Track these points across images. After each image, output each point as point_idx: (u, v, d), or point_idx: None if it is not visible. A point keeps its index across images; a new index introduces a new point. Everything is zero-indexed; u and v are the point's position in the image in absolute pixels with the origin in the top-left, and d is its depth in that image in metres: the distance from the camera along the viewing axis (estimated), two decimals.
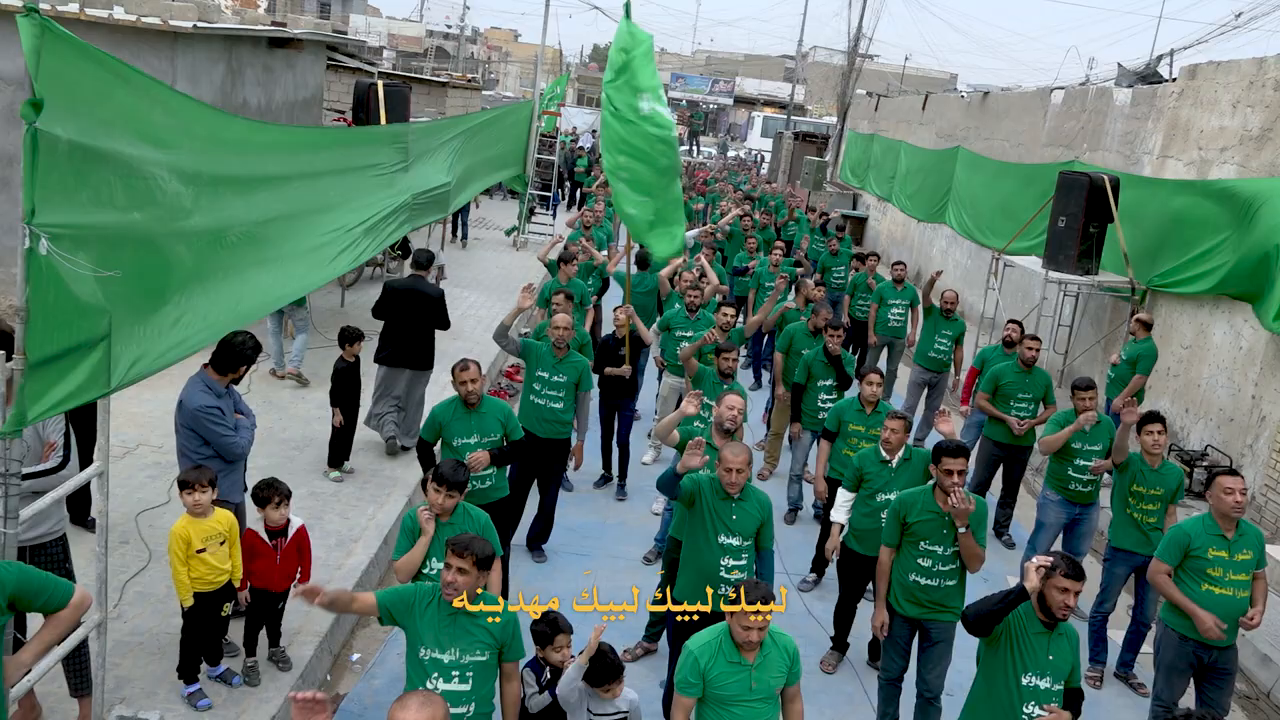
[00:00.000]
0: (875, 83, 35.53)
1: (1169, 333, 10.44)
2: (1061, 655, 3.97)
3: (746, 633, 3.69)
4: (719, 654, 3.78)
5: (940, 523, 4.99)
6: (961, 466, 4.92)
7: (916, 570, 5.04)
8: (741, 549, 4.89)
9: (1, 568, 3.14)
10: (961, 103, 19.64)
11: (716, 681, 3.75)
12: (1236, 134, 9.99)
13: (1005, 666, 3.95)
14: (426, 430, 5.82)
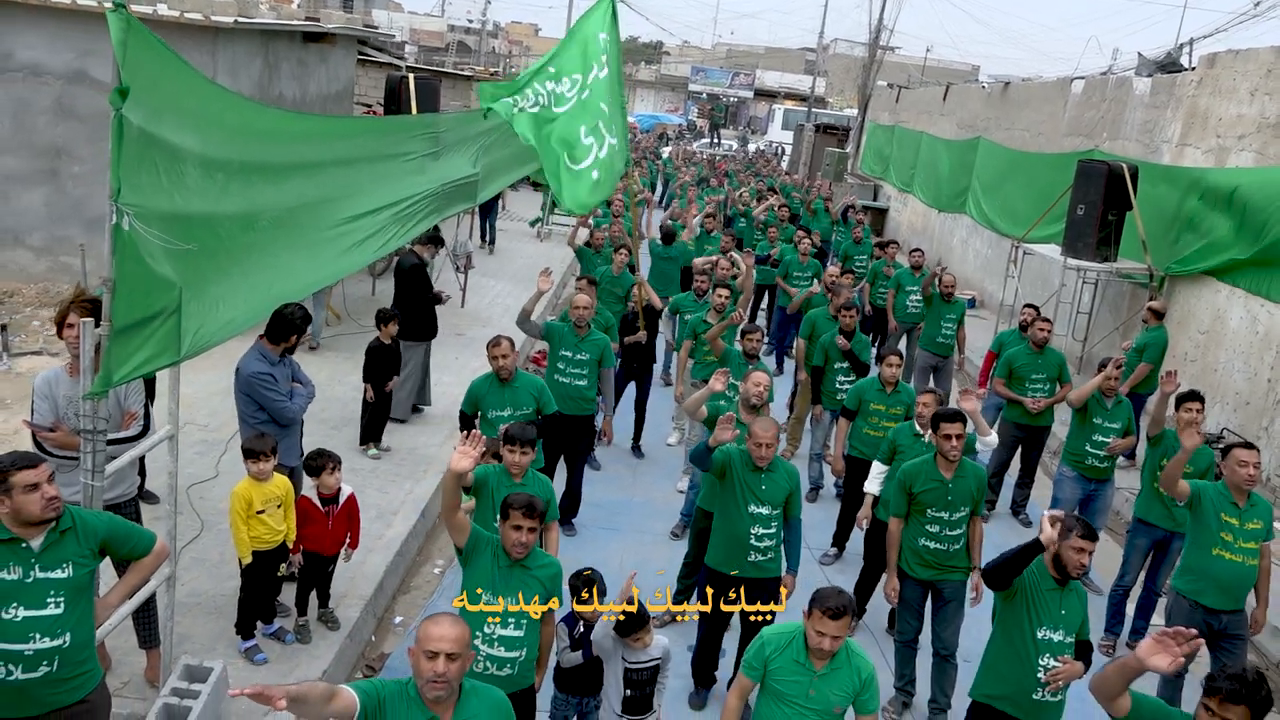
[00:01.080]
0: (896, 74, 35.55)
1: (1186, 318, 10.58)
2: (1073, 610, 4.19)
3: (819, 639, 3.63)
4: (789, 649, 3.77)
5: (944, 490, 5.24)
6: (959, 431, 5.20)
7: (925, 536, 5.29)
8: (771, 518, 5.11)
9: (93, 516, 3.44)
10: (982, 93, 19.75)
11: (776, 674, 3.76)
12: (1254, 121, 10.11)
13: (1022, 621, 4.18)
14: (466, 404, 6.13)
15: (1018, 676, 4.18)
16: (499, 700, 3.14)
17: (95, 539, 3.37)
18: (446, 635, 2.93)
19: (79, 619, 3.31)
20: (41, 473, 3.15)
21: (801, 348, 9.13)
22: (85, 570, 3.33)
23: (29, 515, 3.15)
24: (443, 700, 2.94)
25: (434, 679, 2.90)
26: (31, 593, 3.19)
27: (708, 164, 29.15)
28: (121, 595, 3.65)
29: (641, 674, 4.15)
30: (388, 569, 6.14)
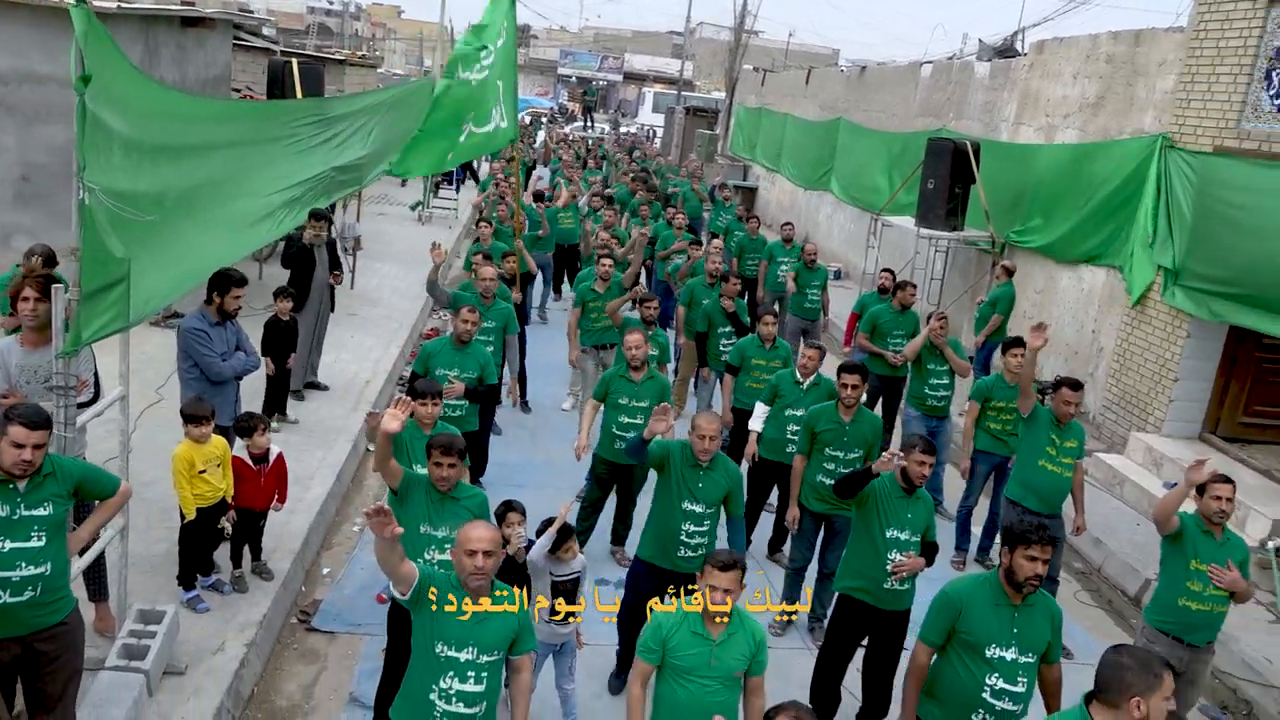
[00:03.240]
0: (761, 58, 36.77)
1: (1025, 280, 11.77)
2: (918, 515, 4.97)
3: (713, 594, 3.66)
4: (684, 623, 3.80)
5: (841, 431, 6.00)
6: (856, 381, 6.00)
7: (823, 473, 6.03)
8: (704, 516, 5.12)
9: (70, 462, 3.82)
10: (842, 77, 20.90)
11: (676, 651, 3.77)
12: (1076, 102, 11.33)
13: (873, 524, 4.94)
14: (418, 364, 6.67)
15: (871, 569, 4.94)
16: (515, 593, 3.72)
17: (71, 482, 3.78)
18: (483, 536, 3.52)
19: (56, 551, 3.72)
20: (30, 437, 3.53)
21: (681, 315, 9.84)
22: (62, 509, 3.74)
23: (2, 464, 3.54)
24: (483, 590, 3.53)
25: (474, 571, 3.48)
26: (17, 528, 3.59)
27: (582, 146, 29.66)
28: (91, 530, 4.07)
29: (566, 584, 4.76)
30: (311, 527, 6.54)
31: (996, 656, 3.91)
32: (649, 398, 6.51)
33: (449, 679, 3.50)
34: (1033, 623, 3.94)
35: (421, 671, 3.56)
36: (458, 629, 3.52)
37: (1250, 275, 8.01)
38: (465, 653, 3.51)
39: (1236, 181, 8.31)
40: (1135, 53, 10.34)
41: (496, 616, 3.58)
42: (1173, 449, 8.73)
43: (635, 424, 6.42)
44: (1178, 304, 8.98)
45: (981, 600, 3.95)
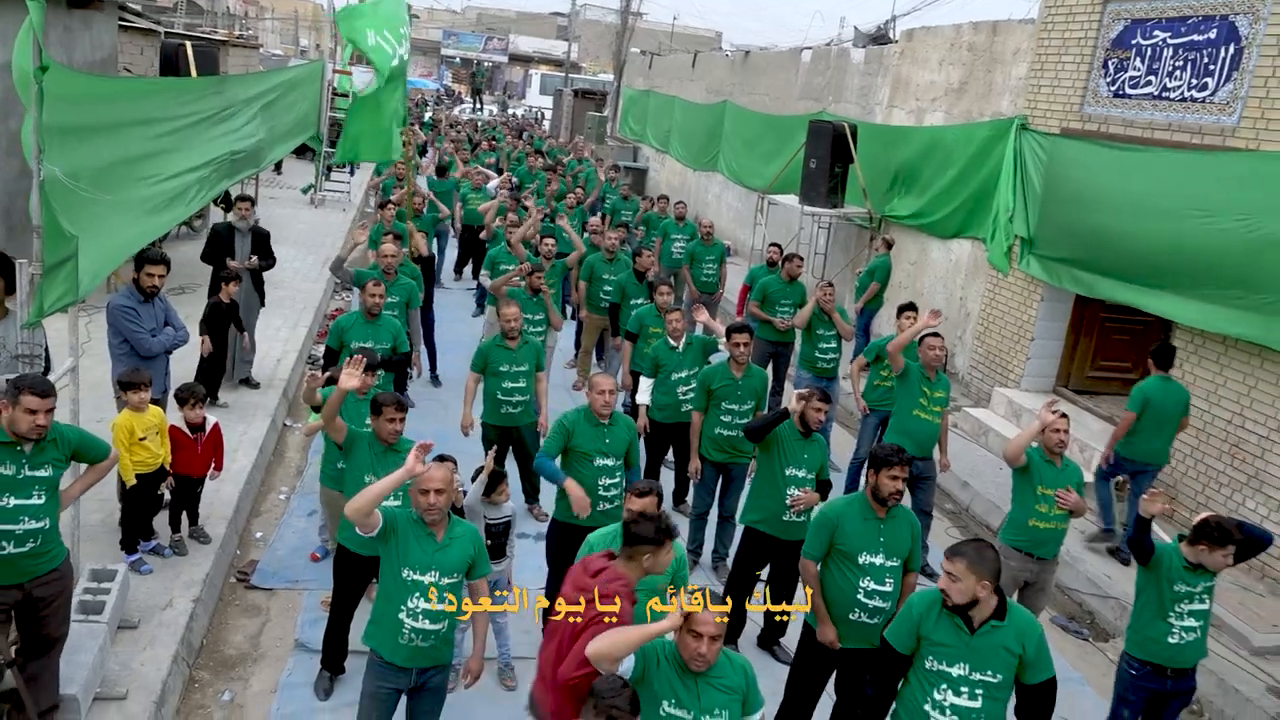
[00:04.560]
0: (647, 41, 37.37)
1: (900, 253, 12.66)
2: (814, 455, 5.63)
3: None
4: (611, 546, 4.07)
5: (735, 386, 6.62)
6: (746, 340, 6.62)
7: (721, 425, 6.63)
8: (615, 468, 5.51)
9: (68, 429, 4.21)
10: (727, 61, 21.64)
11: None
12: (942, 87, 12.25)
13: (774, 463, 5.59)
14: (331, 339, 6.97)
15: (772, 504, 5.60)
16: (473, 530, 4.24)
17: (69, 447, 4.18)
18: (436, 476, 3.99)
19: (53, 507, 4.10)
20: (43, 404, 3.89)
21: (583, 289, 10.37)
22: (60, 471, 4.13)
23: (18, 429, 3.90)
24: (438, 523, 4.03)
25: (429, 508, 3.97)
26: (22, 486, 3.96)
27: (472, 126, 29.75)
28: (81, 488, 4.42)
29: (498, 527, 5.25)
30: (241, 495, 6.83)
31: (868, 563, 4.55)
32: (527, 362, 6.99)
33: (415, 599, 3.97)
34: (896, 532, 4.62)
35: (391, 595, 4.02)
36: (421, 556, 3.99)
37: (1089, 245, 8.99)
38: (428, 576, 3.99)
39: (1079, 160, 9.28)
40: (993, 42, 11.28)
41: (455, 544, 4.07)
42: (1030, 402, 9.70)
43: (517, 387, 6.92)
44: (1032, 272, 9.95)
45: (853, 515, 4.61)
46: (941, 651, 3.71)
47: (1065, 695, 5.81)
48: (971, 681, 3.68)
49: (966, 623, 3.68)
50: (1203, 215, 7.67)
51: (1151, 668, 4.77)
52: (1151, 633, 4.74)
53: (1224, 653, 6.25)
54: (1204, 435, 7.91)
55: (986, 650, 3.66)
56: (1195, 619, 4.70)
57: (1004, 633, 3.66)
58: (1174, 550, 4.70)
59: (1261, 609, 6.69)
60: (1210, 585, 4.72)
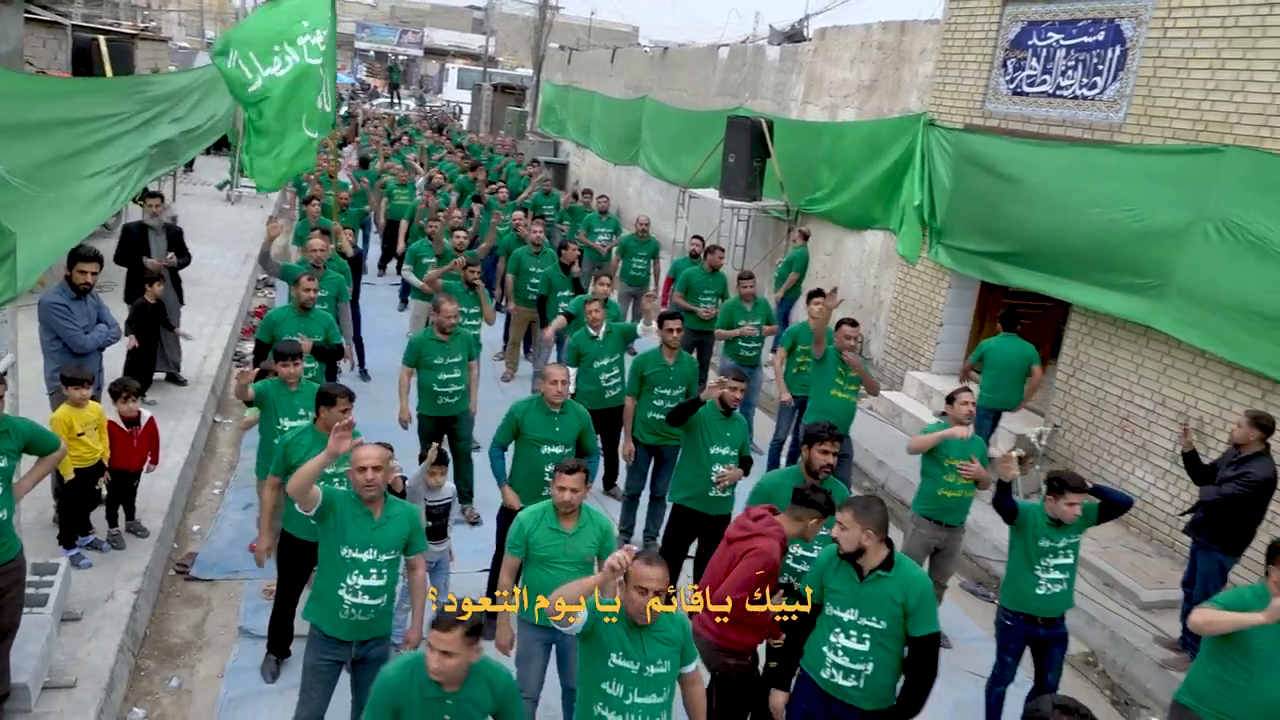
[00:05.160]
0: (565, 35, 37.45)
1: (817, 244, 13.11)
2: (735, 433, 5.95)
3: (561, 494, 4.38)
4: (542, 521, 4.50)
5: (666, 372, 6.90)
6: (677, 326, 6.93)
7: (653, 409, 6.91)
8: (564, 455, 5.70)
9: (20, 422, 4.29)
10: (645, 57, 21.93)
11: (537, 545, 4.46)
12: (854, 84, 12.73)
13: (698, 443, 5.89)
14: (263, 331, 7.01)
15: (699, 482, 5.90)
16: (410, 509, 4.42)
17: (22, 439, 4.29)
18: (372, 454, 4.19)
19: (9, 500, 4.20)
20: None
21: (510, 282, 10.55)
22: (14, 462, 4.24)
23: None
24: (375, 500, 4.21)
25: (366, 484, 4.15)
26: None
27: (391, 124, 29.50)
28: (34, 479, 4.53)
29: (438, 508, 5.45)
30: (175, 489, 6.88)
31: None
32: (460, 353, 7.16)
33: (354, 576, 4.15)
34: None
35: (330, 573, 4.20)
36: (359, 534, 4.18)
37: (993, 235, 9.52)
38: (367, 553, 4.18)
39: (982, 154, 9.80)
40: (901, 41, 11.78)
41: (392, 521, 4.27)
42: (940, 384, 10.20)
43: (452, 378, 7.07)
44: (941, 261, 10.47)
45: (788, 487, 4.90)
46: (836, 597, 4.05)
47: (973, 652, 6.30)
48: (859, 626, 4.00)
49: (857, 571, 4.02)
50: (1095, 207, 8.23)
51: (1024, 617, 5.20)
52: (1021, 585, 5.17)
53: (1116, 609, 6.78)
54: (1097, 411, 8.48)
55: (873, 598, 3.99)
56: (1060, 572, 5.14)
57: (890, 583, 3.99)
58: (1037, 509, 5.14)
59: (1149, 568, 7.25)
60: (1074, 542, 5.16)
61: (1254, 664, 4.12)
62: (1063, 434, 8.85)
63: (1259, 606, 4.09)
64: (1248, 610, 4.09)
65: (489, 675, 3.45)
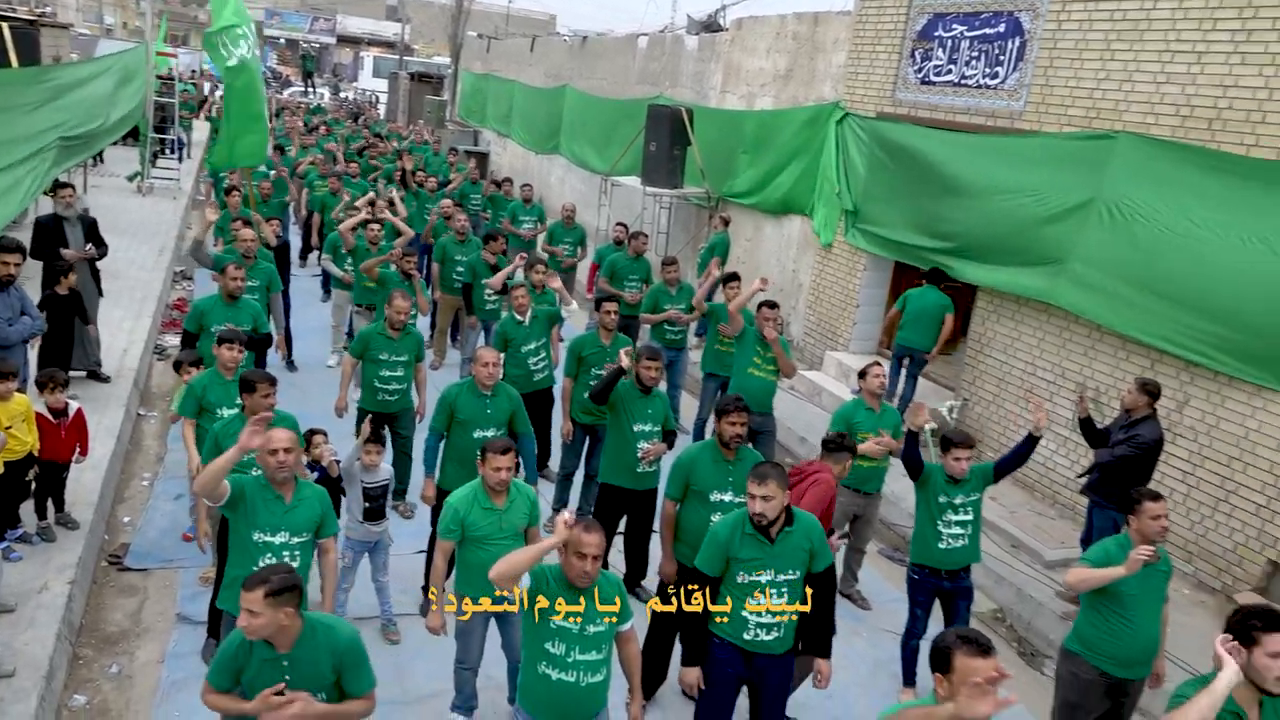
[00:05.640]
0: (482, 23, 37.20)
1: (737, 230, 13.43)
2: (656, 409, 6.15)
3: (495, 474, 4.57)
4: (475, 501, 4.65)
5: (604, 353, 7.09)
6: (614, 308, 7.18)
7: (589, 390, 7.08)
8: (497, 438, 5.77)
9: None
10: (565, 46, 21.99)
11: (473, 526, 4.62)
12: (770, 74, 13.06)
13: (622, 421, 6.09)
14: (190, 322, 6.99)
15: (625, 458, 6.11)
16: (320, 491, 4.50)
17: None
18: (282, 437, 4.23)
19: None
20: None
21: (436, 271, 10.62)
22: None
23: None
24: (286, 483, 4.28)
25: (278, 466, 4.21)
26: None
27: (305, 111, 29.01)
28: None
29: (376, 489, 5.56)
30: (103, 482, 6.84)
31: (719, 500, 5.12)
32: (407, 352, 7.16)
33: (268, 559, 4.18)
34: (744, 472, 5.05)
35: (243, 560, 4.23)
36: (270, 518, 4.25)
37: (905, 218, 9.93)
38: (279, 536, 4.25)
39: (894, 142, 10.20)
40: (815, 32, 12.13)
41: (303, 504, 4.34)
42: (857, 363, 10.58)
43: (395, 376, 7.07)
44: (857, 244, 10.86)
45: (704, 459, 5.19)
46: (751, 565, 4.26)
47: (890, 613, 6.66)
48: (778, 583, 4.26)
49: (766, 535, 4.25)
50: (1001, 191, 8.67)
51: (929, 570, 5.58)
52: (926, 540, 5.56)
53: (1022, 568, 7.22)
54: (1003, 384, 8.95)
55: (786, 553, 4.26)
56: (960, 527, 5.52)
57: (796, 535, 4.28)
58: (938, 468, 5.51)
59: (1052, 530, 7.72)
60: (973, 499, 5.54)
61: (1127, 609, 4.53)
62: (972, 407, 9.31)
63: (1122, 556, 4.47)
64: (1113, 563, 4.48)
65: (325, 635, 3.47)
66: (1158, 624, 4.66)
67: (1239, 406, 6.92)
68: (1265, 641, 3.29)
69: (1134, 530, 4.59)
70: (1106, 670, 4.61)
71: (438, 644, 5.67)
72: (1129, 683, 4.67)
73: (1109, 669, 4.60)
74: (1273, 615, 3.39)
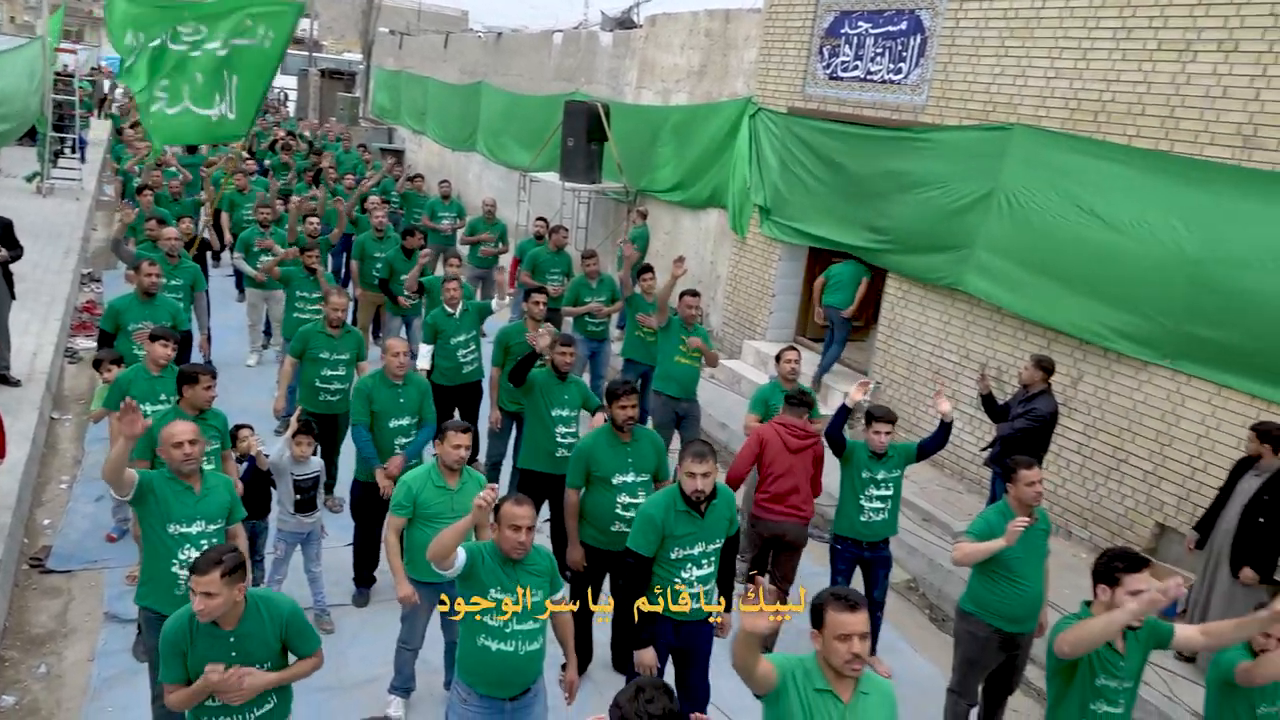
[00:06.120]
0: (394, 19, 36.74)
1: (656, 224, 13.67)
2: (573, 395, 6.29)
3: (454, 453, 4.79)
4: (428, 480, 4.85)
5: (526, 347, 7.21)
6: (542, 300, 7.36)
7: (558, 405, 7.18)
8: (410, 426, 6.06)
9: None
10: (479, 42, 21.96)
11: (425, 504, 4.80)
12: (685, 70, 13.31)
13: (540, 407, 6.22)
14: (106, 321, 6.89)
15: (543, 444, 6.19)
16: (225, 480, 4.56)
17: None
18: (185, 429, 4.28)
19: None
20: None
21: (355, 268, 10.61)
22: None
23: None
24: (193, 474, 4.31)
25: (184, 459, 4.24)
26: None
27: None
28: None
29: (307, 481, 5.61)
30: (20, 485, 6.72)
31: (620, 482, 5.25)
32: (348, 350, 7.17)
33: (186, 550, 4.24)
34: (642, 452, 5.36)
35: (159, 553, 4.25)
36: (182, 509, 4.27)
37: (819, 210, 10.28)
38: (195, 526, 4.28)
39: (805, 136, 10.54)
40: (727, 29, 12.42)
41: (213, 493, 4.40)
42: (774, 351, 10.91)
43: (336, 375, 7.07)
44: (772, 235, 11.18)
45: (602, 445, 5.30)
46: (684, 540, 4.51)
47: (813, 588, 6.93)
48: (709, 553, 4.58)
49: (697, 510, 4.51)
50: (909, 182, 9.07)
51: (851, 541, 5.89)
52: (848, 513, 5.86)
53: (933, 539, 7.60)
54: (913, 367, 9.35)
55: (712, 525, 4.56)
56: (881, 501, 5.83)
57: (719, 506, 4.59)
58: (862, 445, 5.82)
59: (960, 503, 8.13)
60: (894, 475, 5.85)
61: (1013, 570, 4.88)
62: (884, 390, 9.70)
63: (1002, 523, 4.82)
64: (995, 531, 4.83)
65: (266, 607, 3.57)
66: (1041, 580, 5.02)
67: (1127, 381, 7.39)
68: (1126, 581, 3.64)
69: (1012, 497, 4.93)
70: (999, 627, 4.95)
71: (372, 631, 5.80)
72: (1020, 636, 5.03)
73: (1001, 625, 4.94)
74: (1133, 557, 3.75)
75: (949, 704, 5.30)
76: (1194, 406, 6.94)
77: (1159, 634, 3.81)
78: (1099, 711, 3.70)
